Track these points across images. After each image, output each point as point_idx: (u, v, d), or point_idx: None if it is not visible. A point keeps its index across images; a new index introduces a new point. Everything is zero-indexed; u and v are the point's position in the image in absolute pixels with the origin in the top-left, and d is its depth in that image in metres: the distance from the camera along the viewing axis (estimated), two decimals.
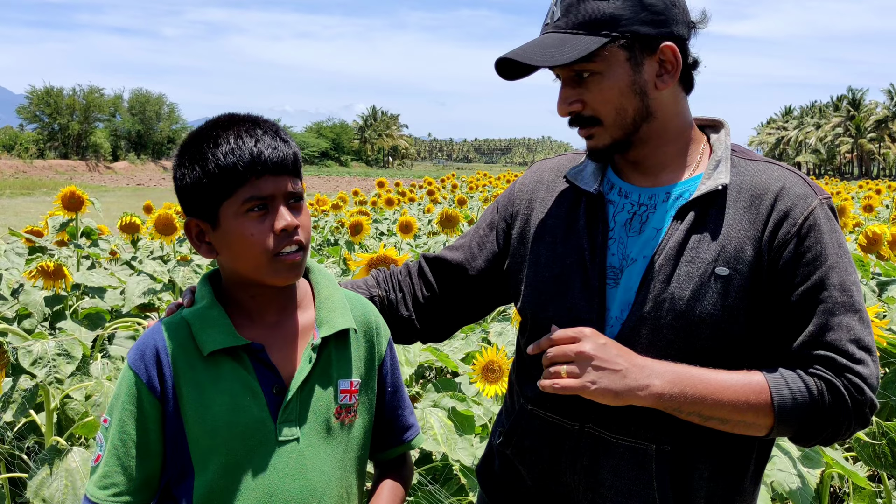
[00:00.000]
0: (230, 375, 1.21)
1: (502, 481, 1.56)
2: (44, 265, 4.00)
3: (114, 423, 1.21)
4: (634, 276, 1.37)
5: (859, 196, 17.95)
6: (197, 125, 1.29)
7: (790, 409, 1.25)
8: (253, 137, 1.19)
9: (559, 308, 1.42)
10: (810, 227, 1.30)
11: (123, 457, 1.20)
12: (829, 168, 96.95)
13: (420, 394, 3.28)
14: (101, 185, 44.70)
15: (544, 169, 1.60)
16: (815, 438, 1.30)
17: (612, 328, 1.37)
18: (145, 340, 1.23)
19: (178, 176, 1.23)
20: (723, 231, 1.33)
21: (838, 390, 1.25)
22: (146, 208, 8.20)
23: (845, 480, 3.66)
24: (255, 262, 1.20)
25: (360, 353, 1.33)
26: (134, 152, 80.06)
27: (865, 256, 4.95)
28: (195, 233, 1.25)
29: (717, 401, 1.26)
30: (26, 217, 17.63)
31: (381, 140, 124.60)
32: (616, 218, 1.42)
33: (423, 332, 1.64)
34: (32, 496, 2.18)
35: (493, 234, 1.60)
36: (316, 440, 1.25)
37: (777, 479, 2.29)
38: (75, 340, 2.44)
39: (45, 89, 73.61)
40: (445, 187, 19.61)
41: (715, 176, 1.36)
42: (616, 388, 1.25)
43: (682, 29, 1.36)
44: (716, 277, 1.30)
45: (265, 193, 1.18)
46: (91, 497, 1.21)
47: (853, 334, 1.27)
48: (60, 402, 2.54)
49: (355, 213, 8.43)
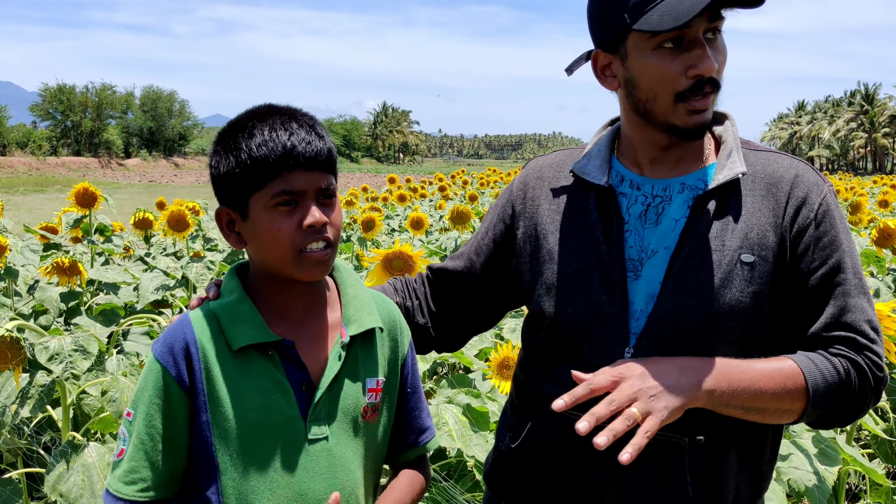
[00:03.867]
0: (260, 371, 1.20)
1: (518, 483, 1.51)
2: (59, 261, 4.02)
3: (140, 416, 1.19)
4: (657, 268, 1.36)
5: (874, 192, 17.81)
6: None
7: (823, 392, 1.27)
8: (287, 130, 1.17)
9: (579, 304, 1.39)
10: (825, 213, 1.34)
11: (151, 451, 1.18)
12: (843, 163, 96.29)
13: (434, 390, 3.28)
14: (114, 182, 44.93)
15: (543, 165, 1.57)
16: (838, 420, 1.33)
17: (637, 322, 1.35)
18: (173, 333, 1.21)
19: (213, 164, 1.22)
20: (744, 218, 1.34)
21: (862, 368, 1.28)
22: (159, 205, 8.24)
23: (862, 478, 3.64)
24: (282, 257, 1.18)
25: (385, 353, 1.33)
26: (146, 149, 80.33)
27: (880, 251, 4.91)
28: (226, 221, 1.24)
29: (758, 390, 1.26)
30: (40, 214, 17.75)
31: (392, 136, 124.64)
32: (630, 210, 1.41)
33: (437, 340, 1.63)
34: (50, 491, 2.19)
35: (490, 237, 1.58)
36: (344, 439, 1.24)
37: (794, 476, 2.27)
38: (91, 336, 2.46)
39: (57, 87, 73.95)
40: (456, 183, 19.59)
41: (729, 165, 1.36)
42: (678, 403, 1.22)
43: None
44: (742, 264, 1.31)
45: (296, 188, 1.17)
46: (115, 492, 1.18)
47: (866, 315, 1.32)
48: (76, 397, 2.55)
49: (367, 209, 8.44)
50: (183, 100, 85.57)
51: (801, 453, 2.36)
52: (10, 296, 4.28)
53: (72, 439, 2.36)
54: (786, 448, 2.37)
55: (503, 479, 1.56)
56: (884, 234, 4.69)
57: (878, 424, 3.14)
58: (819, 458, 2.38)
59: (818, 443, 2.45)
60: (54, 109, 74.02)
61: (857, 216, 8.12)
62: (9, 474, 2.56)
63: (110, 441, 2.40)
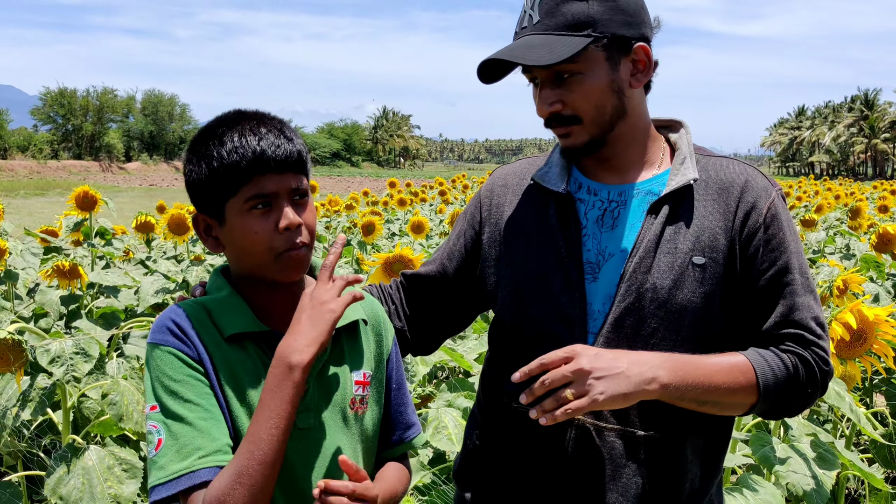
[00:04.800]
0: (254, 359, 1.22)
1: (485, 480, 1.57)
2: (59, 265, 4.03)
3: (166, 401, 1.15)
4: (614, 270, 1.43)
5: (874, 197, 17.82)
6: None
7: (772, 386, 1.35)
8: (257, 135, 1.20)
9: (543, 305, 1.46)
10: (773, 217, 1.41)
11: (196, 421, 1.13)
12: (843, 168, 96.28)
13: (434, 393, 3.28)
14: (115, 186, 44.95)
15: (507, 174, 1.64)
16: (786, 411, 1.41)
17: (595, 321, 1.42)
18: (163, 321, 1.21)
19: (187, 172, 1.25)
20: (696, 222, 1.41)
21: (809, 363, 1.37)
22: (159, 208, 8.24)
23: (861, 482, 3.64)
24: (260, 259, 1.21)
25: (370, 347, 1.35)
26: (146, 153, 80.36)
27: (879, 256, 4.91)
28: (202, 227, 1.28)
29: (712, 385, 1.33)
30: (40, 217, 17.75)
31: (393, 140, 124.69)
32: (588, 215, 1.48)
33: (413, 343, 1.68)
34: (50, 494, 2.19)
35: (462, 242, 1.64)
36: (334, 429, 1.26)
37: (792, 480, 2.28)
38: (92, 339, 2.46)
39: (58, 90, 74.02)
40: (456, 187, 19.61)
41: (683, 171, 1.44)
42: (624, 390, 1.28)
43: (649, 31, 1.44)
44: (693, 266, 1.39)
45: (268, 191, 1.20)
46: (165, 479, 1.11)
47: (813, 312, 1.40)
48: (77, 400, 2.56)
49: (368, 213, 8.45)
50: (184, 104, 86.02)
51: (798, 457, 2.37)
52: (11, 299, 4.28)
53: (72, 442, 2.37)
54: (784, 452, 2.37)
55: (471, 477, 1.61)
56: (883, 239, 4.70)
57: (878, 429, 3.14)
58: (817, 463, 2.38)
59: (816, 447, 2.45)
60: (55, 113, 74.07)
61: (857, 221, 8.11)
62: (9, 477, 2.56)
63: (110, 444, 2.40)
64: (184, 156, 1.28)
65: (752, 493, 2.23)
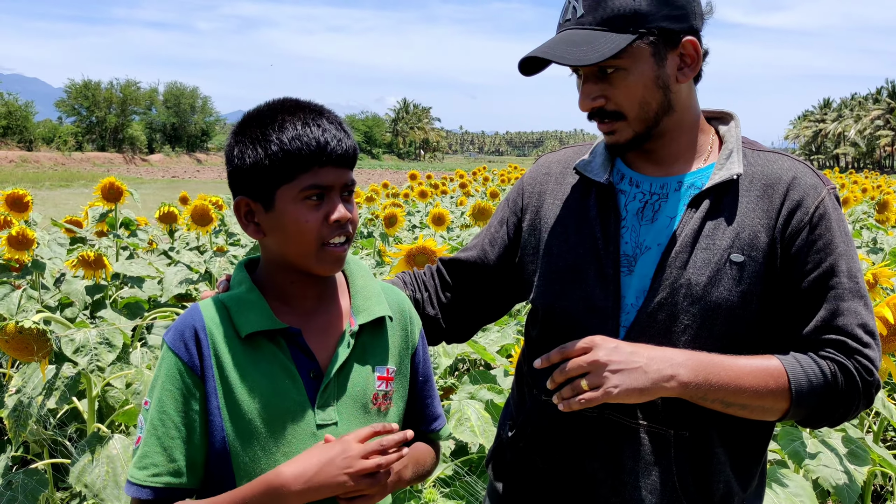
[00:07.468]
0: (269, 358, 1.22)
1: (517, 473, 1.56)
2: (85, 255, 4.06)
3: (153, 404, 1.21)
4: (649, 264, 1.39)
5: None
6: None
7: (806, 393, 1.29)
8: (320, 127, 1.20)
9: (574, 297, 1.43)
10: (821, 216, 1.35)
11: (163, 437, 1.19)
12: (869, 161, 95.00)
13: (456, 386, 3.27)
14: (137, 177, 45.37)
15: (551, 161, 1.62)
16: (824, 420, 1.35)
17: (627, 315, 1.39)
18: (183, 321, 1.24)
19: (237, 154, 1.22)
20: (737, 219, 1.37)
21: (850, 372, 1.30)
22: (182, 199, 8.29)
23: (888, 479, 3.59)
24: (305, 249, 1.21)
25: (396, 342, 1.35)
26: (169, 145, 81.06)
27: None
28: (244, 212, 1.26)
29: (739, 387, 1.29)
30: (65, 208, 17.94)
31: (413, 133, 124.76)
32: (628, 207, 1.45)
33: (447, 332, 1.67)
34: (75, 482, 2.21)
35: (504, 230, 1.62)
36: (354, 426, 1.25)
37: (823, 474, 2.25)
38: (116, 329, 2.47)
39: (83, 83, 74.92)
40: (477, 180, 19.57)
41: (728, 165, 1.39)
42: (640, 385, 1.26)
43: (699, 22, 1.39)
44: (731, 263, 1.34)
45: (325, 183, 1.20)
46: (130, 478, 1.20)
47: (860, 319, 1.32)
48: (101, 389, 2.57)
49: (389, 205, 8.44)
50: (205, 96, 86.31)
51: (830, 452, 2.34)
52: (38, 288, 4.32)
53: (97, 431, 2.38)
54: (814, 447, 2.34)
55: (502, 468, 1.61)
56: None
57: None
58: (848, 458, 2.35)
59: (848, 443, 2.42)
60: (80, 105, 74.97)
61: (885, 214, 8.00)
62: (35, 465, 2.58)
63: (134, 433, 2.41)
64: (229, 139, 1.26)
65: (781, 488, 2.19)
